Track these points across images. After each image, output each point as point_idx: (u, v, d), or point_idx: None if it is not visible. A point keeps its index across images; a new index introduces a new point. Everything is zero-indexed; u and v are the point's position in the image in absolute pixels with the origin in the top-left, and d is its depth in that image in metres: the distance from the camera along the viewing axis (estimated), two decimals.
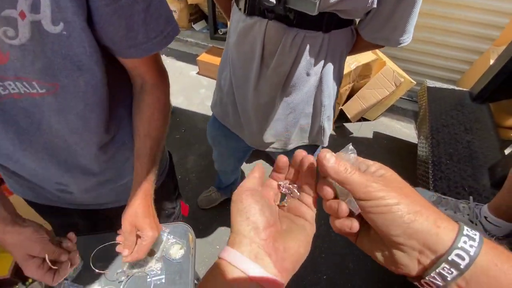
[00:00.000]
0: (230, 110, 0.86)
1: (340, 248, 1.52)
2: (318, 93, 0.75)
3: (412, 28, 0.65)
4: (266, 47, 0.67)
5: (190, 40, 3.05)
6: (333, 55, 0.69)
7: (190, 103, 2.34)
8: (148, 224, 0.54)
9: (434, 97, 1.58)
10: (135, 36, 0.42)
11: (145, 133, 0.53)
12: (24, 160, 0.49)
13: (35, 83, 0.39)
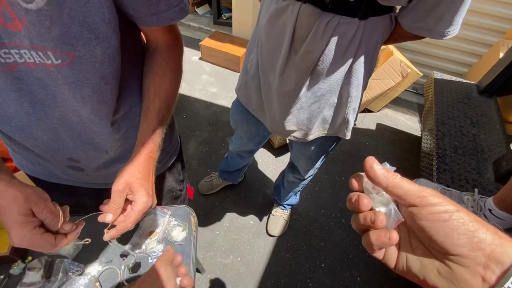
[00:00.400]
0: (254, 94, 0.84)
1: (339, 237, 1.52)
2: (346, 83, 0.71)
3: (461, 19, 0.58)
4: (297, 31, 0.63)
5: (193, 25, 2.98)
6: (367, 44, 0.64)
7: (192, 88, 2.30)
8: (145, 188, 0.47)
9: (441, 89, 1.55)
10: (157, 3, 0.42)
11: (155, 92, 0.51)
12: (37, 132, 0.47)
13: (51, 53, 0.38)
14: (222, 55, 2.42)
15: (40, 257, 0.62)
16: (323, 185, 1.75)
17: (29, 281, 0.58)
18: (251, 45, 0.81)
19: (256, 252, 1.44)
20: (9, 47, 0.36)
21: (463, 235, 0.20)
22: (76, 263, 0.62)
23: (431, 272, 0.23)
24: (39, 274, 0.59)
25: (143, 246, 0.66)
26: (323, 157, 1.00)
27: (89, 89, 0.44)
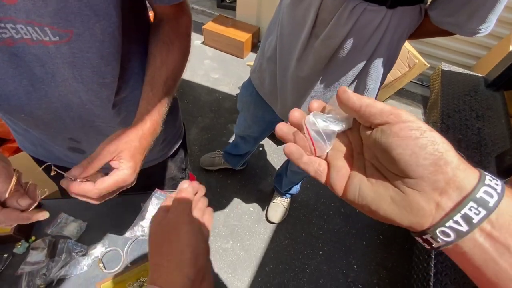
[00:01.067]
0: (267, 77, 0.82)
1: (338, 226, 1.54)
2: (363, 74, 0.68)
3: (495, 18, 0.55)
4: (320, 15, 0.61)
5: (196, 7, 2.89)
6: (392, 35, 0.61)
7: (194, 74, 2.26)
8: (134, 162, 0.41)
9: (448, 81, 1.53)
10: None
11: (162, 61, 0.48)
12: (37, 111, 0.46)
13: (48, 29, 0.36)
14: (225, 40, 2.37)
15: (44, 237, 0.62)
16: None
17: (33, 260, 0.58)
18: (271, 26, 0.78)
19: (256, 238, 1.46)
20: (4, 21, 0.34)
21: (431, 155, 0.19)
22: (80, 244, 0.62)
23: (383, 200, 0.22)
24: (43, 253, 0.59)
25: (146, 229, 0.66)
26: None
27: (89, 70, 0.42)
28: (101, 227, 0.66)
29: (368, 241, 1.50)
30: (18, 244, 0.60)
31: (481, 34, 0.57)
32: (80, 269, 0.59)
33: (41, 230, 0.64)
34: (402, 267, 1.42)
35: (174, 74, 0.49)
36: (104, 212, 0.69)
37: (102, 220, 0.67)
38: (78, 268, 0.59)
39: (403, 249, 1.48)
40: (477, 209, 0.18)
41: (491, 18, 0.55)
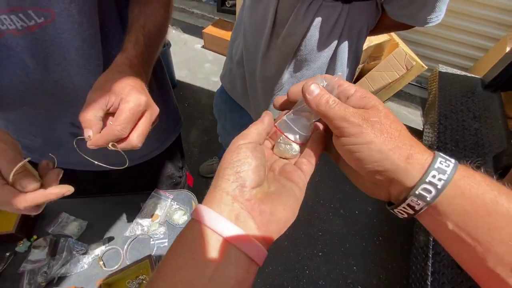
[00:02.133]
0: (238, 81, 0.83)
1: (337, 227, 1.55)
2: (330, 71, 0.70)
3: (444, 6, 0.58)
4: (279, 14, 0.63)
5: (196, 12, 2.93)
6: (351, 30, 0.63)
7: (195, 77, 2.28)
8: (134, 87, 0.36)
9: (445, 83, 1.54)
10: None
11: (140, 10, 0.45)
12: (36, 100, 0.47)
13: (31, 11, 0.36)
14: (225, 43, 2.39)
15: (45, 236, 0.63)
16: (323, 176, 1.76)
17: (34, 259, 0.60)
18: (236, 30, 0.80)
19: None
20: None
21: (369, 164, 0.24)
22: (80, 243, 0.64)
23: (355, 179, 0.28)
24: (44, 252, 0.60)
25: (145, 228, 0.67)
26: None
27: (74, 53, 0.43)
28: (101, 226, 0.67)
29: (368, 242, 1.51)
30: (20, 242, 0.62)
31: (433, 23, 0.60)
32: (81, 267, 0.61)
33: (43, 229, 0.65)
34: (402, 267, 1.42)
35: (153, 23, 0.45)
36: (104, 211, 0.70)
37: (102, 219, 0.69)
38: (79, 266, 0.61)
39: (402, 250, 1.48)
40: (417, 202, 0.22)
41: (440, 7, 0.58)
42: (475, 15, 1.93)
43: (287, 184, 0.26)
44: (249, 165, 0.24)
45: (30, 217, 0.65)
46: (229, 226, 0.21)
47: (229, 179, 0.23)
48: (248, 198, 0.23)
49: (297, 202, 0.25)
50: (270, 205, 0.23)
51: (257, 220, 0.22)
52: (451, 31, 2.05)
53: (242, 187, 0.23)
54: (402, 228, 1.56)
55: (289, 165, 0.28)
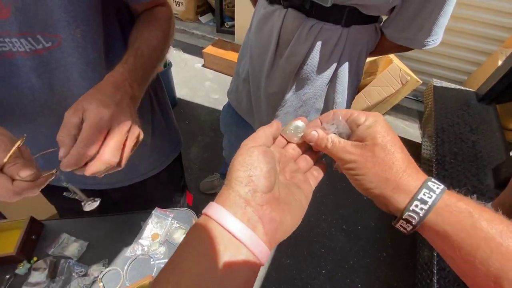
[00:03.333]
0: (244, 97, 0.86)
1: (340, 243, 1.52)
2: (330, 89, 0.73)
3: (441, 30, 0.61)
4: (282, 35, 0.66)
5: (197, 33, 3.04)
6: (351, 52, 0.66)
7: (195, 95, 2.33)
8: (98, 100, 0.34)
9: (440, 96, 1.57)
10: None
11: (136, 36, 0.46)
12: (41, 118, 0.48)
13: (40, 36, 0.39)
14: (225, 62, 2.47)
15: (45, 257, 0.63)
16: (324, 191, 1.75)
17: (34, 281, 0.59)
18: (243, 50, 0.84)
19: None
20: (3, 35, 0.37)
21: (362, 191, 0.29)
22: (80, 264, 0.63)
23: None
24: (44, 274, 0.60)
25: (146, 248, 0.67)
26: None
27: (77, 75, 0.45)
28: (102, 247, 0.67)
29: (372, 258, 1.48)
30: (20, 264, 0.61)
31: (430, 46, 0.63)
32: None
33: (43, 250, 0.65)
34: (407, 284, 1.38)
35: (148, 46, 0.45)
36: (105, 231, 0.70)
37: (103, 239, 0.69)
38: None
39: (407, 266, 1.45)
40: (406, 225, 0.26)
41: (437, 31, 0.60)
42: (467, 31, 2.00)
43: (296, 192, 0.28)
44: (260, 170, 0.24)
45: (31, 239, 0.65)
46: (242, 227, 0.22)
47: (242, 182, 0.24)
48: (260, 203, 0.24)
49: (303, 212, 0.28)
50: (281, 214, 0.24)
51: (266, 225, 0.24)
52: (444, 47, 2.11)
53: (255, 192, 0.24)
54: (405, 243, 1.53)
55: (300, 174, 0.31)
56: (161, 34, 0.49)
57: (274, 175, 0.26)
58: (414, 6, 0.57)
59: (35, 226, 0.67)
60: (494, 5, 1.84)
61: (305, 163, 0.33)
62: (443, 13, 0.57)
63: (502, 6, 1.82)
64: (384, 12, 0.62)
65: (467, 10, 1.90)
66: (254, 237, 0.22)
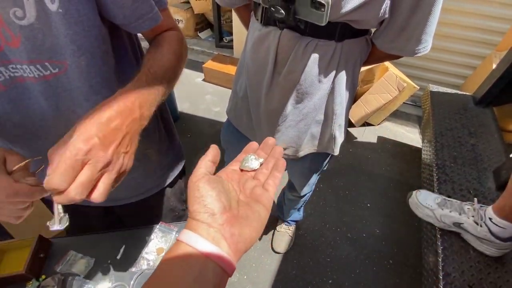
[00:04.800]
0: (244, 115, 0.88)
1: (346, 252, 1.51)
2: (330, 101, 0.75)
3: (429, 38, 0.64)
4: (279, 54, 0.69)
5: (196, 48, 3.12)
6: (346, 64, 0.69)
7: (196, 109, 2.38)
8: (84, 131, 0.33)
9: (437, 101, 1.59)
10: (140, 6, 0.44)
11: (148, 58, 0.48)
12: (49, 137, 0.50)
13: (48, 63, 0.42)
14: (224, 76, 2.52)
15: (53, 275, 0.64)
16: (327, 199, 1.76)
17: None
18: (240, 69, 0.87)
19: (262, 269, 1.43)
20: (14, 62, 0.41)
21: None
22: (88, 281, 0.64)
23: None
24: None
25: (151, 262, 0.68)
26: (316, 173, 1.02)
27: (82, 97, 0.48)
28: (108, 263, 0.69)
29: (378, 266, 1.46)
30: (29, 283, 0.63)
31: (421, 53, 0.66)
32: None
33: (51, 268, 0.66)
34: None
35: (161, 67, 0.46)
36: (111, 247, 0.71)
37: (109, 255, 0.70)
38: None
39: (415, 273, 1.43)
40: None
41: (426, 39, 0.63)
42: (460, 36, 2.04)
43: (255, 206, 0.32)
44: (211, 197, 0.29)
45: (39, 257, 0.66)
46: (207, 245, 0.27)
47: (200, 211, 0.29)
48: (220, 223, 0.28)
49: (262, 223, 0.31)
50: (239, 228, 0.29)
51: (228, 240, 0.28)
52: (438, 52, 2.15)
53: (213, 215, 0.28)
54: (412, 249, 1.52)
55: (258, 188, 0.34)
56: (173, 56, 0.50)
57: (225, 194, 0.30)
58: (401, 18, 0.60)
59: (43, 244, 0.69)
60: (484, 11, 1.89)
61: (262, 175, 0.37)
62: (430, 22, 0.60)
63: (492, 11, 1.87)
64: (375, 26, 0.65)
65: (460, 17, 1.95)
66: (219, 252, 0.27)
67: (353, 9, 0.56)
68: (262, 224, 0.31)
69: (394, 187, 1.85)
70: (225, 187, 0.32)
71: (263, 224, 0.31)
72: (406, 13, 0.59)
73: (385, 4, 0.57)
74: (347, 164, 1.97)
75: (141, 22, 0.46)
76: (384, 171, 1.96)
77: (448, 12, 1.94)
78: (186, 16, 3.05)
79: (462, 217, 0.91)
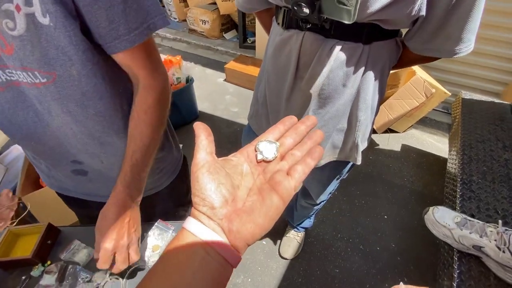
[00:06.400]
0: (264, 122, 0.87)
1: (357, 265, 1.44)
2: (354, 107, 0.70)
3: (473, 36, 0.55)
4: (301, 58, 0.65)
5: (221, 49, 3.18)
6: (373, 68, 0.64)
7: (215, 108, 2.42)
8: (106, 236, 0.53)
9: (469, 110, 1.46)
10: (117, 28, 0.43)
11: (130, 135, 0.54)
12: (44, 138, 0.55)
13: (37, 72, 0.44)
14: (245, 76, 2.54)
15: (57, 262, 0.69)
16: (341, 207, 1.69)
17: (45, 284, 0.65)
18: (260, 75, 0.85)
19: (268, 274, 1.41)
20: (10, 68, 0.44)
21: None
22: (86, 270, 0.68)
23: None
24: (54, 277, 0.65)
25: (146, 259, 0.70)
26: (335, 182, 0.98)
27: (73, 104, 0.50)
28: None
29: (391, 283, 1.36)
30: (36, 267, 0.67)
31: (462, 53, 0.58)
32: None
33: (56, 255, 0.71)
34: None
35: (141, 147, 0.54)
36: None
37: None
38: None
39: None
40: None
41: (469, 38, 0.55)
42: (500, 39, 1.85)
43: (268, 196, 0.27)
44: (210, 190, 0.27)
45: (47, 244, 0.71)
46: (209, 233, 0.26)
47: (200, 204, 0.27)
48: (219, 217, 0.26)
49: (270, 217, 0.27)
50: (238, 224, 0.26)
51: (227, 235, 0.26)
52: (476, 56, 1.97)
53: (212, 209, 0.26)
54: (430, 269, 1.41)
55: (280, 174, 0.28)
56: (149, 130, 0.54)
57: (228, 185, 0.27)
58: (440, 14, 0.53)
59: (52, 232, 0.73)
60: None
61: (292, 157, 0.30)
62: (472, 17, 0.52)
63: None
64: (407, 26, 0.59)
65: (502, 18, 1.77)
66: (220, 240, 0.26)
67: (382, 8, 0.50)
68: (271, 219, 0.27)
69: (416, 200, 1.73)
70: (232, 173, 0.28)
71: (272, 218, 0.27)
72: (445, 8, 0.51)
73: (420, 0, 0.50)
74: (365, 171, 1.88)
75: (117, 43, 0.45)
76: (406, 181, 1.84)
77: (489, 13, 1.77)
78: (213, 17, 3.12)
79: (483, 240, 0.82)
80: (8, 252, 0.70)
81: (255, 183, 0.29)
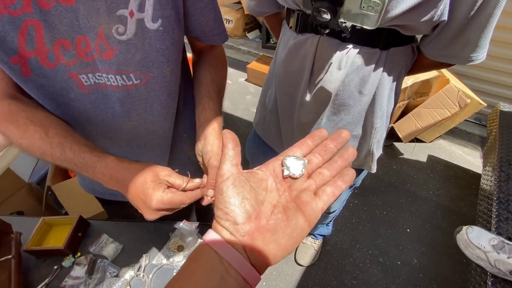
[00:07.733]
0: (273, 127, 0.86)
1: (375, 278, 1.39)
2: (369, 114, 0.69)
3: (487, 42, 0.55)
4: (316, 63, 0.64)
5: (243, 48, 3.18)
6: (390, 74, 0.63)
7: (236, 108, 2.42)
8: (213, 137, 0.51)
9: (507, 124, 1.37)
10: (218, 26, 0.55)
11: (212, 79, 0.56)
12: (115, 137, 0.57)
13: (132, 75, 0.46)
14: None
15: (87, 254, 0.71)
16: (361, 217, 1.64)
17: (75, 275, 0.67)
18: (269, 81, 0.83)
19: (282, 279, 1.40)
20: (101, 71, 0.45)
21: None
22: (114, 265, 0.69)
23: None
24: (84, 269, 0.67)
25: (171, 259, 0.70)
26: (349, 190, 0.95)
27: (158, 105, 0.53)
28: (133, 251, 0.73)
29: None
30: (67, 258, 0.70)
31: (477, 61, 0.57)
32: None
33: (86, 248, 0.73)
34: None
35: (222, 88, 0.59)
36: (138, 237, 0.76)
37: (135, 244, 0.74)
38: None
39: None
40: None
41: (485, 44, 0.55)
42: None
43: (293, 216, 0.26)
44: (233, 205, 0.26)
45: (78, 236, 0.74)
46: (230, 251, 0.25)
47: (222, 218, 0.26)
48: (242, 234, 0.25)
49: (294, 240, 0.26)
50: (261, 244, 0.25)
51: (248, 254, 0.25)
52: None
53: (235, 224, 0.26)
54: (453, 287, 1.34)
55: (307, 194, 0.27)
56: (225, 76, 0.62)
57: (252, 199, 0.27)
58: (461, 20, 0.51)
59: (82, 225, 0.76)
60: None
61: (321, 176, 0.29)
62: (491, 23, 0.51)
63: None
64: (426, 31, 0.57)
65: None
66: (242, 260, 0.24)
67: (403, 13, 0.50)
68: (295, 241, 0.26)
69: (442, 215, 1.65)
70: (257, 187, 0.27)
71: (295, 241, 0.26)
72: (467, 13, 0.50)
73: (443, 5, 0.49)
74: (388, 181, 1.82)
75: (216, 38, 0.57)
76: (431, 194, 1.76)
77: None
78: (237, 16, 3.12)
79: None
80: (42, 241, 0.73)
81: (280, 200, 0.28)
